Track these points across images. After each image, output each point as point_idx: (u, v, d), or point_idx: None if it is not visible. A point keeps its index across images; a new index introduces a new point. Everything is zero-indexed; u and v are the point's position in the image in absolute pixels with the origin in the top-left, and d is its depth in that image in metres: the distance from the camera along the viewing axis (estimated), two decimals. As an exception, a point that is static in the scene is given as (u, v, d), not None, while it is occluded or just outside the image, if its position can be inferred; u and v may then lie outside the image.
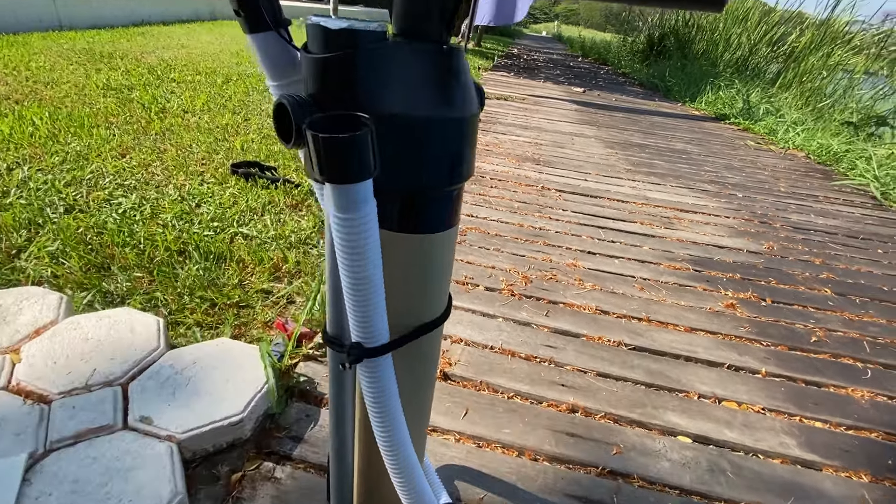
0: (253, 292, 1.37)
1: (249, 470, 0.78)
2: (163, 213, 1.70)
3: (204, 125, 2.67)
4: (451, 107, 0.32)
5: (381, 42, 0.28)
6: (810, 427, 1.05)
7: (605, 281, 1.55)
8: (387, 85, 0.29)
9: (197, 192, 1.86)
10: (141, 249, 1.47)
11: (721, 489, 0.88)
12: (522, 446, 0.91)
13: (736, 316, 1.44)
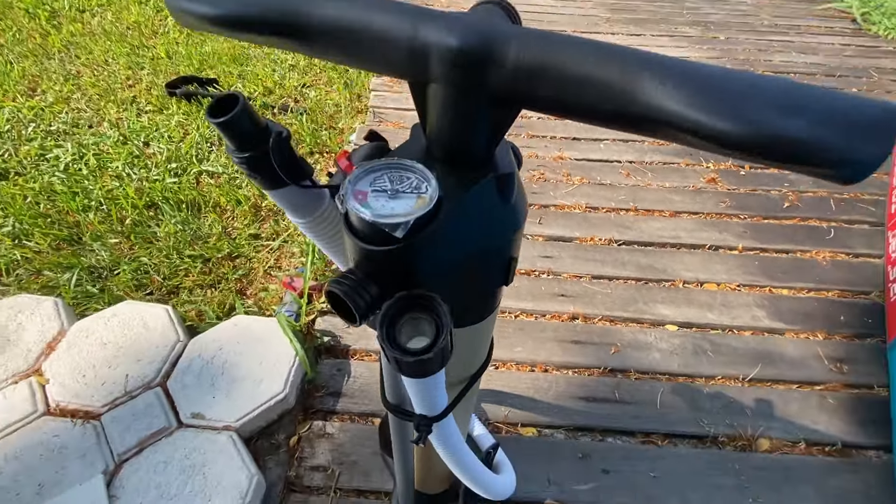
0: (241, 240, 1.34)
1: (303, 432, 0.88)
2: (110, 161, 1.53)
3: (111, 28, 2.23)
4: (504, 231, 0.29)
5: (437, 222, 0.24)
6: (778, 296, 1.19)
7: (592, 171, 1.54)
8: (448, 252, 0.26)
9: (139, 128, 1.66)
10: (105, 211, 1.37)
11: (703, 368, 1.03)
12: (534, 361, 1.03)
13: (717, 191, 1.49)
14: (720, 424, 0.94)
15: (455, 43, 0.22)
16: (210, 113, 0.26)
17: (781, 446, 0.91)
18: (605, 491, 0.84)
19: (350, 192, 0.24)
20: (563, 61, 0.22)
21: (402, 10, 0.24)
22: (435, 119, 0.27)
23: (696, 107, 0.19)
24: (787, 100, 0.19)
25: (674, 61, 0.21)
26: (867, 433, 0.94)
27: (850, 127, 0.18)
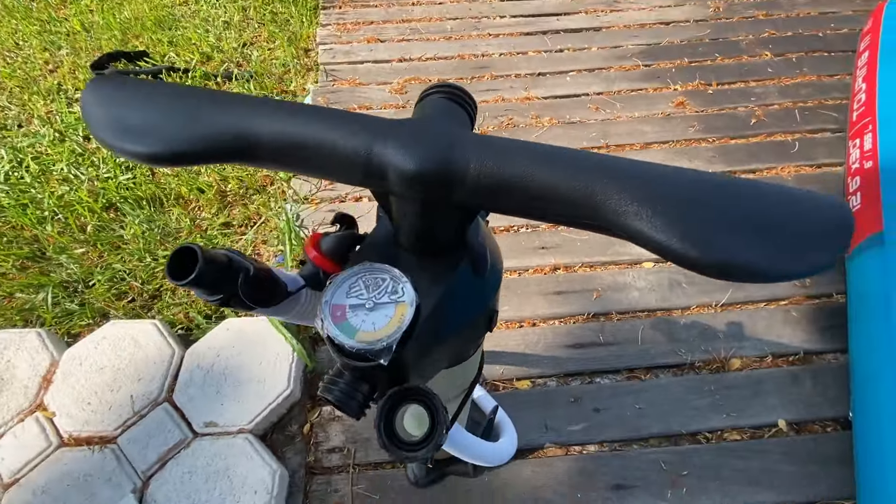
0: (213, 231, 1.30)
1: (314, 419, 0.92)
2: (52, 163, 1.43)
3: (11, 3, 1.95)
4: (485, 301, 0.30)
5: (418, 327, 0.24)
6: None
7: (561, 109, 1.51)
8: (432, 342, 0.26)
9: (73, 121, 1.52)
10: (62, 220, 1.30)
11: (679, 300, 1.09)
12: (521, 317, 1.07)
13: (686, 115, 1.48)
14: (696, 351, 1.02)
15: (412, 167, 0.22)
16: (171, 274, 0.25)
17: (751, 363, 1.01)
18: (597, 428, 0.92)
19: (328, 311, 0.24)
20: (522, 178, 0.21)
21: (353, 128, 0.22)
22: (400, 220, 0.26)
23: (666, 232, 0.19)
24: (751, 224, 0.19)
25: (637, 171, 0.21)
26: (825, 339, 1.03)
27: (809, 252, 0.19)
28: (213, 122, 0.23)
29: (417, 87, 1.58)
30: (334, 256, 0.30)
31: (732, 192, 0.20)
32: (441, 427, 0.25)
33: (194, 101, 0.24)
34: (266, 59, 1.76)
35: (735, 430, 0.92)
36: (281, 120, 0.23)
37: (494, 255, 0.31)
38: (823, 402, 0.95)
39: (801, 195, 0.20)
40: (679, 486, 0.86)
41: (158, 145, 0.23)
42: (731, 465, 0.88)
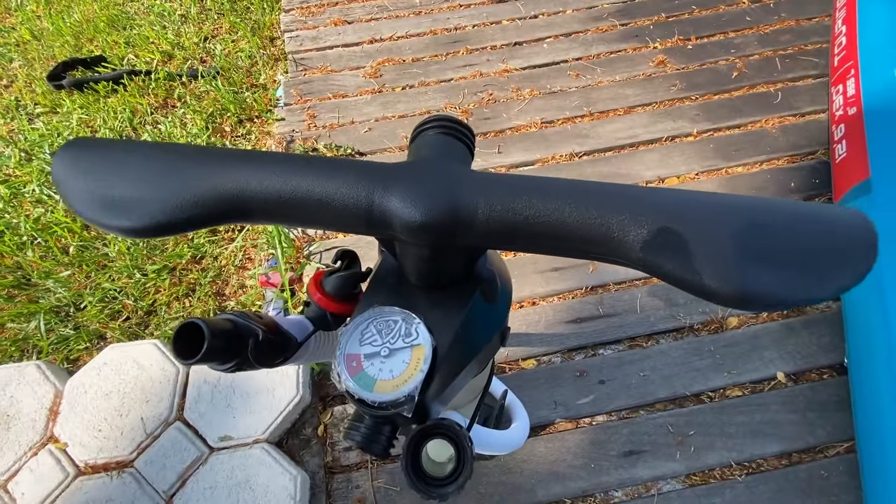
0: (200, 239, 1.28)
1: (326, 420, 0.93)
2: (22, 185, 1.37)
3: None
4: (498, 325, 0.29)
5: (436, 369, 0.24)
6: (734, 176, 1.25)
7: (541, 79, 1.47)
8: (449, 375, 0.26)
9: (37, 138, 1.46)
10: (43, 244, 1.26)
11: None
12: (521, 297, 1.08)
13: (667, 74, 1.46)
14: (694, 314, 1.04)
15: (418, 218, 0.20)
16: (178, 354, 0.23)
17: (747, 320, 1.03)
18: (604, 399, 0.95)
19: (343, 362, 0.24)
20: (534, 218, 0.20)
21: (350, 178, 0.21)
22: (405, 261, 0.25)
23: (691, 270, 0.18)
24: (775, 253, 0.18)
25: (651, 201, 0.20)
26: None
27: (832, 277, 0.18)
28: (201, 185, 0.21)
29: (392, 69, 1.53)
30: (339, 296, 0.29)
31: (753, 216, 0.20)
32: (469, 463, 0.25)
33: (176, 162, 0.22)
34: (231, 52, 1.68)
35: (736, 387, 0.95)
36: (273, 176, 0.21)
37: (503, 277, 0.31)
38: (819, 351, 0.98)
39: (824, 214, 0.20)
40: (686, 446, 0.89)
41: (143, 219, 0.21)
42: (734, 421, 0.91)
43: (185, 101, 1.52)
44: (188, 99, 1.52)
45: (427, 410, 0.25)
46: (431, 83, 1.49)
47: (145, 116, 1.51)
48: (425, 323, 0.24)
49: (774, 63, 1.45)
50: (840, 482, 0.85)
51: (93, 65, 1.62)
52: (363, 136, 1.37)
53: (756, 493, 0.85)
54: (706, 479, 0.87)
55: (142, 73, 1.57)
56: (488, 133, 1.37)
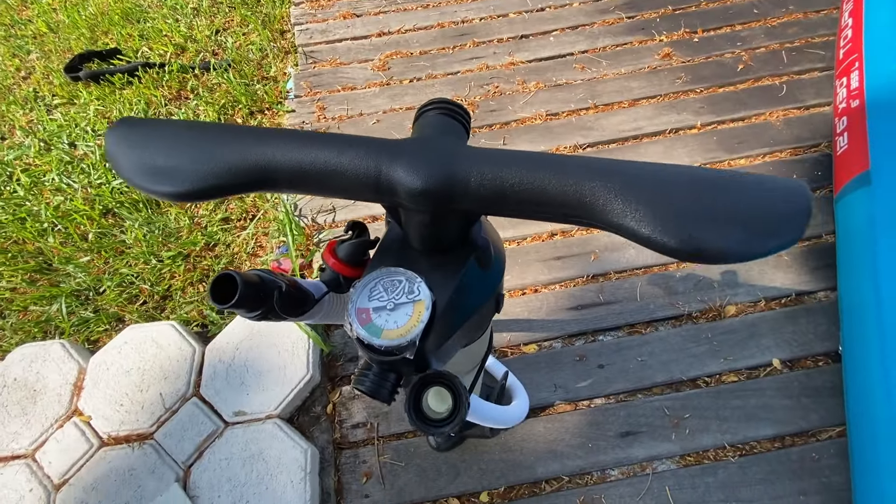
0: (213, 227, 1.32)
1: (335, 399, 0.98)
2: (42, 174, 1.42)
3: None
4: (492, 289, 0.32)
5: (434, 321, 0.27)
6: (736, 167, 1.26)
7: (547, 72, 1.49)
8: (447, 331, 0.29)
9: (56, 128, 1.51)
10: (63, 231, 1.31)
11: (674, 255, 1.13)
12: (524, 285, 1.11)
13: (672, 67, 1.47)
14: (693, 302, 1.06)
15: (419, 185, 0.24)
16: (215, 300, 0.27)
17: (745, 308, 1.05)
18: (603, 383, 0.98)
19: (354, 314, 0.27)
20: (519, 186, 0.23)
21: (361, 152, 0.24)
22: (408, 228, 0.28)
23: (649, 227, 0.22)
24: (723, 214, 0.21)
25: (620, 171, 0.23)
26: (816, 279, 1.07)
27: (772, 234, 0.21)
28: (233, 157, 0.24)
29: (400, 62, 1.56)
30: (351, 262, 0.33)
31: (705, 184, 0.23)
32: (464, 405, 0.28)
33: (212, 137, 0.25)
34: (242, 45, 1.71)
35: (732, 373, 0.98)
36: (295, 150, 0.24)
37: (497, 246, 0.34)
38: (815, 339, 1.00)
39: (767, 182, 0.23)
40: (682, 428, 0.92)
41: (184, 185, 0.25)
42: (729, 405, 0.94)
43: (198, 94, 1.56)
44: (200, 91, 1.56)
45: (427, 360, 0.29)
46: (438, 76, 1.51)
47: (159, 108, 1.55)
48: (426, 282, 0.28)
49: (781, 56, 1.46)
50: (830, 464, 0.87)
51: (108, 57, 1.66)
52: (371, 128, 1.40)
53: (749, 473, 0.87)
54: (700, 459, 0.90)
55: (156, 66, 1.61)
56: (494, 125, 1.39)
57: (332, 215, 1.26)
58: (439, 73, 1.52)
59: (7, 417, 0.91)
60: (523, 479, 0.89)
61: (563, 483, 0.89)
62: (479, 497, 0.88)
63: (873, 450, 0.80)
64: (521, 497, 0.88)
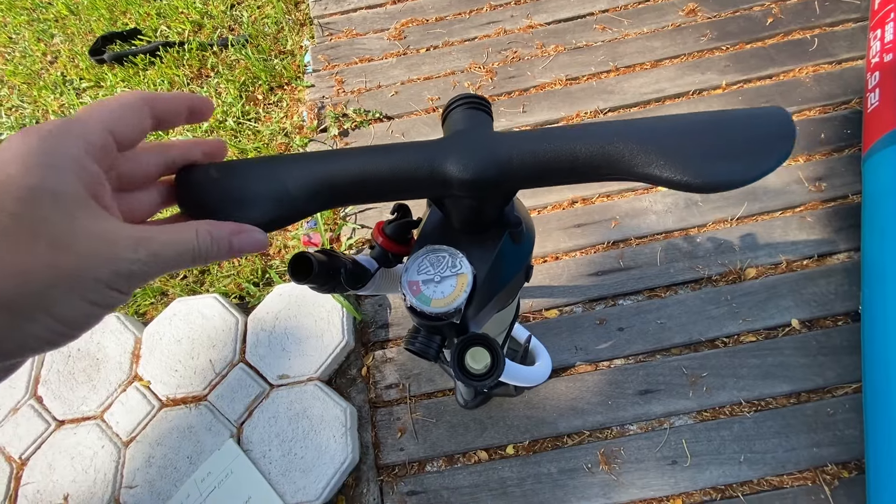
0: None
1: (369, 363, 1.04)
2: (79, 157, 1.49)
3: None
4: (523, 263, 0.36)
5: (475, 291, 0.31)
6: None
7: (567, 35, 1.46)
8: (485, 300, 0.33)
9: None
10: (104, 211, 1.39)
11: (695, 219, 1.14)
12: (545, 253, 1.14)
13: (697, 24, 1.42)
14: (713, 265, 1.08)
15: (470, 177, 0.27)
16: (294, 277, 0.31)
17: (766, 271, 1.07)
18: (622, 345, 1.02)
19: (407, 286, 0.31)
20: (553, 157, 0.27)
21: (413, 156, 0.27)
22: (451, 211, 0.32)
23: (671, 171, 0.26)
24: (724, 147, 0.26)
25: (642, 130, 0.26)
26: (840, 239, 1.07)
27: (768, 155, 0.25)
28: (297, 183, 0.27)
29: (416, 30, 1.54)
30: (397, 239, 0.37)
31: (706, 126, 0.27)
32: (501, 362, 0.33)
33: (277, 168, 0.28)
34: (257, 19, 1.71)
35: (751, 333, 1.01)
36: (351, 164, 0.27)
37: (528, 223, 0.37)
38: (835, 299, 1.01)
39: (755, 112, 0.27)
40: (699, 385, 0.96)
41: (263, 216, 0.27)
42: (746, 364, 0.97)
43: (218, 71, 1.58)
44: (220, 69, 1.59)
45: (467, 325, 0.33)
46: (455, 42, 1.50)
47: (182, 87, 1.58)
48: (467, 257, 0.31)
49: (813, 7, 1.39)
50: (845, 418, 0.91)
51: (129, 38, 1.68)
52: (390, 100, 1.41)
53: (763, 427, 0.92)
54: (716, 414, 0.94)
55: (175, 45, 1.63)
56: (513, 92, 1.39)
57: (356, 189, 1.30)
58: (456, 39, 1.50)
59: (75, 384, 1.00)
60: (546, 434, 0.95)
61: (584, 437, 0.95)
62: (505, 449, 0.95)
63: (887, 404, 0.83)
64: (545, 450, 0.94)
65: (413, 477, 0.94)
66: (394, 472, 0.95)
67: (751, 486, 0.88)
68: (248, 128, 1.47)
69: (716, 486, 0.89)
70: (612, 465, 0.91)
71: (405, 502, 0.92)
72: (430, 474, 0.94)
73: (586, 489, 0.90)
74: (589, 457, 0.92)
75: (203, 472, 0.88)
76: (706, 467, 0.90)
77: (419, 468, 0.95)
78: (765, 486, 0.88)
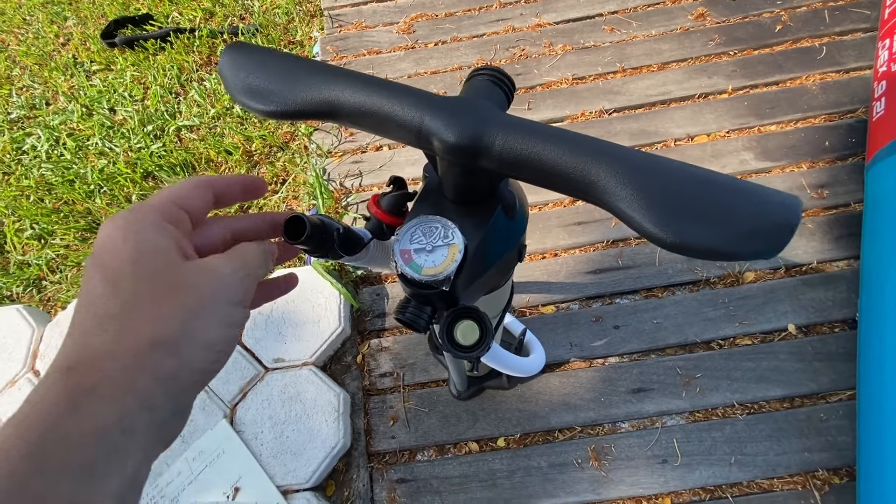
0: (246, 190, 1.38)
1: (364, 351, 1.05)
2: (86, 138, 1.50)
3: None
4: (516, 239, 0.36)
5: (466, 262, 0.31)
6: (766, 134, 1.24)
7: (575, 35, 1.47)
8: (476, 273, 0.33)
9: (96, 94, 1.57)
10: (109, 193, 1.40)
11: (695, 221, 1.14)
12: (544, 250, 1.15)
13: (706, 28, 1.42)
14: (712, 268, 1.08)
15: (451, 139, 0.27)
16: (288, 237, 0.32)
17: (764, 275, 1.06)
18: (617, 342, 1.02)
19: (398, 254, 0.32)
20: (537, 157, 0.27)
21: (411, 101, 0.28)
22: (443, 176, 0.32)
23: (640, 214, 0.24)
24: (712, 211, 0.23)
25: (633, 162, 0.25)
26: (840, 247, 1.07)
27: (758, 238, 0.23)
28: (308, 89, 0.30)
29: (425, 25, 1.55)
30: (392, 211, 0.37)
31: (703, 182, 0.24)
32: (489, 334, 0.33)
33: (296, 70, 0.31)
34: (268, 8, 1.73)
35: (746, 336, 1.01)
36: (356, 91, 0.29)
37: (522, 200, 0.38)
38: (833, 306, 1.01)
39: (763, 193, 0.24)
40: (693, 386, 0.96)
41: (272, 106, 0.30)
42: (741, 367, 0.97)
43: (228, 58, 1.59)
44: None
45: (457, 297, 0.33)
46: (464, 38, 1.51)
47: (191, 73, 1.59)
48: (459, 228, 0.32)
49: (822, 15, 1.39)
50: (838, 425, 0.91)
51: (141, 22, 1.70)
52: (396, 93, 1.42)
53: (755, 430, 0.92)
54: (708, 416, 0.94)
55: (186, 31, 1.64)
56: (519, 89, 1.39)
57: (360, 180, 1.30)
58: (465, 35, 1.51)
59: (73, 359, 1.01)
60: (538, 428, 0.95)
61: (575, 433, 0.95)
62: (496, 441, 0.95)
63: (881, 412, 0.82)
64: (536, 444, 0.95)
65: (403, 465, 0.94)
66: (384, 460, 0.95)
67: (740, 488, 0.88)
68: (254, 116, 1.48)
69: (705, 486, 0.89)
70: (603, 461, 0.92)
71: (395, 489, 0.92)
72: (420, 463, 0.94)
73: (575, 484, 0.90)
74: (579, 452, 0.93)
75: (195, 450, 0.88)
76: (696, 467, 0.90)
77: (410, 457, 0.95)
78: (755, 489, 0.88)
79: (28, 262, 1.30)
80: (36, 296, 1.26)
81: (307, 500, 0.84)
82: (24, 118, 1.58)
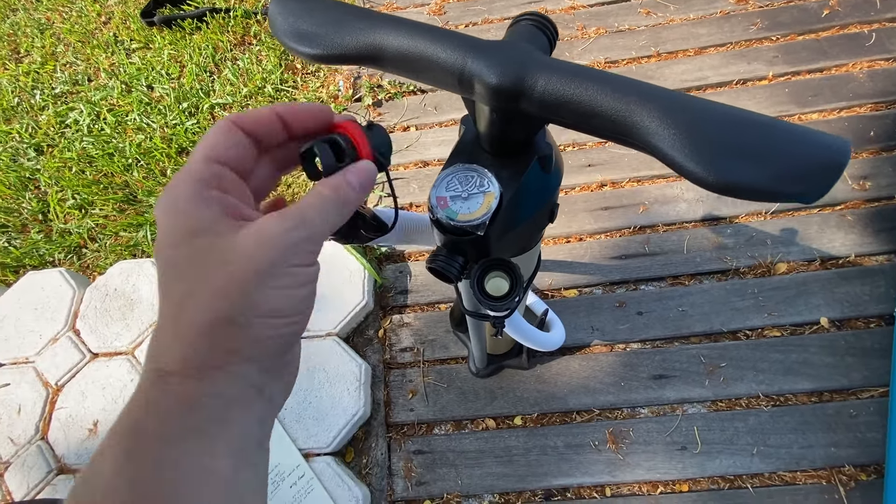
0: (275, 168, 1.41)
1: (386, 325, 1.07)
2: (125, 113, 1.55)
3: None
4: (550, 195, 0.36)
5: (501, 211, 0.32)
6: (806, 123, 1.19)
7: (609, 17, 1.43)
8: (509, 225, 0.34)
9: (135, 71, 1.62)
10: (145, 167, 1.45)
11: (727, 210, 1.11)
12: (569, 233, 1.14)
13: (747, 12, 1.37)
14: (742, 258, 1.05)
15: (493, 81, 0.28)
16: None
17: (798, 267, 1.03)
18: (640, 328, 1.01)
19: (435, 201, 0.32)
20: (578, 99, 0.27)
21: (454, 44, 0.29)
22: (481, 124, 0.33)
23: (680, 153, 0.24)
24: (756, 149, 0.23)
25: (675, 103, 0.25)
26: (881, 241, 1.03)
27: (804, 177, 0.22)
28: (354, 33, 0.31)
29: (456, 6, 1.54)
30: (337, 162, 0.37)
31: (747, 123, 0.23)
32: (520, 285, 0.33)
33: (343, 15, 0.32)
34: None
35: (776, 328, 0.98)
36: (401, 35, 0.30)
37: (558, 156, 0.38)
38: (870, 301, 0.97)
39: (810, 133, 0.23)
40: (716, 376, 0.95)
41: (319, 49, 0.31)
42: (768, 358, 0.95)
43: (261, 39, 1.62)
44: (263, 37, 1.62)
45: (489, 246, 0.34)
46: (495, 20, 1.49)
47: (226, 53, 1.62)
48: (495, 178, 0.32)
49: (873, 1, 1.32)
50: (868, 421, 0.88)
51: (179, 2, 1.74)
52: (425, 74, 1.42)
53: (780, 422, 0.90)
54: (731, 406, 0.93)
55: (221, 11, 1.68)
56: (548, 73, 1.37)
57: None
58: (496, 17, 1.49)
59: (110, 320, 1.06)
60: (556, 409, 0.95)
61: (593, 415, 0.95)
62: (513, 420, 0.96)
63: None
64: (553, 424, 0.95)
65: (421, 437, 0.96)
66: (402, 431, 0.97)
67: (761, 479, 0.87)
68: (285, 95, 1.51)
69: (725, 475, 0.87)
70: (620, 444, 0.91)
71: (411, 460, 0.94)
72: (437, 436, 0.96)
73: (591, 465, 0.90)
74: (597, 434, 0.92)
75: (222, 412, 0.92)
76: (716, 456, 0.89)
77: (427, 429, 0.97)
78: (776, 481, 0.86)
79: (69, 231, 1.36)
80: (76, 262, 1.32)
81: (327, 463, 0.86)
82: (68, 93, 1.65)
